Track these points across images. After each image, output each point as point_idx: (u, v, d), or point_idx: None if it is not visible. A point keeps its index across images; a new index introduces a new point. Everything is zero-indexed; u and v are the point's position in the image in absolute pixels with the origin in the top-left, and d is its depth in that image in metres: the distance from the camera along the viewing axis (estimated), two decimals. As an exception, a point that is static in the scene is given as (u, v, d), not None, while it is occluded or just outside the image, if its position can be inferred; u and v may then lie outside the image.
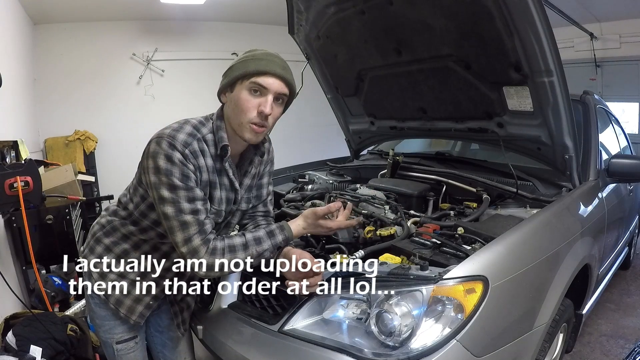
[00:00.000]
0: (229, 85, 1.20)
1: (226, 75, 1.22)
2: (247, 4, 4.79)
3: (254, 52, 1.21)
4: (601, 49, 5.27)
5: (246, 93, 1.17)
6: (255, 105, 1.16)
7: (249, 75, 1.16)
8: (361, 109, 2.63)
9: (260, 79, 1.15)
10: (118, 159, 4.81)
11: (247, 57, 1.20)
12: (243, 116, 1.17)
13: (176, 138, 1.14)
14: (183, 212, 1.13)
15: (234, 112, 1.19)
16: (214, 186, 1.24)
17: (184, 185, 1.13)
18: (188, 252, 1.14)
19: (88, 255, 1.35)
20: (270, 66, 1.16)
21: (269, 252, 1.22)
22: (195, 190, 1.16)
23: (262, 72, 1.16)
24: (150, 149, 1.14)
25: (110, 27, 4.86)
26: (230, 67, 1.21)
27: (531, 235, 1.47)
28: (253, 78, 1.15)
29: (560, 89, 1.64)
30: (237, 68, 1.18)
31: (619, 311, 2.79)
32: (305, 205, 2.00)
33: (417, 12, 1.82)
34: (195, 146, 1.17)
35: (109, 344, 1.38)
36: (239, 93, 1.17)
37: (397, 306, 1.15)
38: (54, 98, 4.64)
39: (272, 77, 1.16)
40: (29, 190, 2.31)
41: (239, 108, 1.17)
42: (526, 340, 1.35)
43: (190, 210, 1.14)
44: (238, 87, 1.18)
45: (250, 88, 1.16)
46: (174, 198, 1.12)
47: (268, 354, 1.31)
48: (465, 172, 2.04)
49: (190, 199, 1.14)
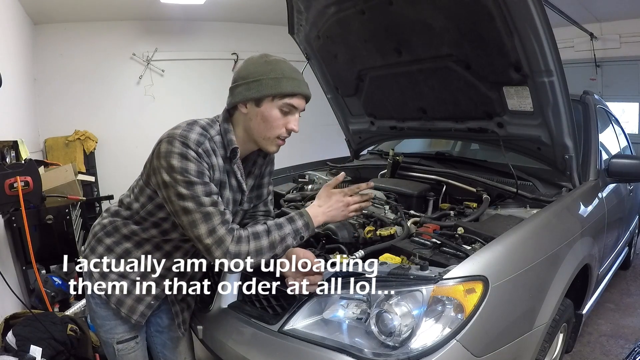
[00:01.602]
0: (255, 100, 1.20)
1: (251, 87, 1.18)
2: (247, 4, 4.79)
3: (281, 66, 1.20)
4: (601, 49, 5.27)
5: (277, 112, 1.20)
6: (284, 122, 1.21)
7: (284, 96, 1.18)
8: (361, 109, 2.63)
9: (293, 100, 1.20)
10: (118, 159, 4.81)
11: (278, 75, 1.18)
12: (272, 132, 1.21)
13: (188, 137, 1.14)
14: (204, 205, 1.13)
15: (260, 126, 1.21)
16: (224, 186, 1.25)
17: (200, 181, 1.14)
18: (214, 243, 1.13)
19: (89, 255, 1.35)
20: (302, 87, 1.21)
21: (291, 237, 1.20)
22: (211, 185, 1.17)
23: (295, 94, 1.19)
24: (161, 148, 1.14)
25: (110, 27, 4.86)
26: (257, 80, 1.18)
27: (531, 235, 1.47)
28: (287, 99, 1.19)
29: (560, 89, 1.64)
30: (269, 85, 1.17)
31: (619, 311, 2.79)
32: (306, 205, 2.00)
33: (417, 12, 1.82)
34: (208, 145, 1.18)
35: (110, 344, 1.39)
36: (270, 110, 1.19)
37: (397, 306, 1.15)
38: (54, 98, 4.64)
39: (302, 99, 1.22)
40: (29, 190, 2.31)
41: (268, 124, 1.20)
42: (526, 340, 1.35)
43: (211, 203, 1.15)
44: (268, 105, 1.19)
45: (281, 107, 1.19)
46: (192, 194, 1.13)
47: (268, 354, 1.32)
48: (465, 172, 2.03)
49: (208, 192, 1.15)
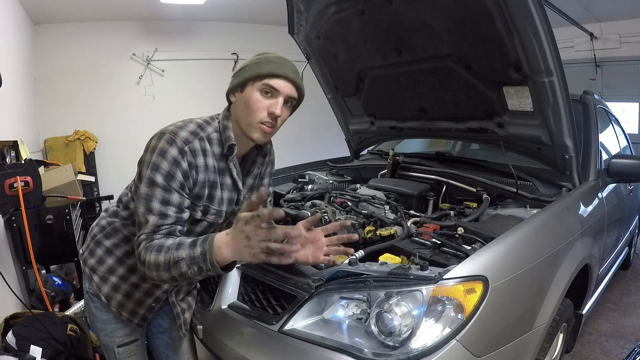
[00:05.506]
0: (239, 85, 1.21)
1: (237, 75, 1.22)
2: (247, 4, 4.80)
3: (267, 55, 1.21)
4: (601, 49, 5.27)
5: (257, 94, 1.17)
6: (265, 106, 1.17)
7: (262, 76, 1.16)
8: (361, 109, 2.64)
9: (272, 81, 1.16)
10: (118, 159, 4.81)
11: (260, 59, 1.20)
12: (253, 116, 1.18)
13: (178, 134, 1.14)
14: (151, 211, 1.10)
15: (244, 112, 1.19)
16: (215, 186, 1.23)
17: (163, 185, 1.10)
18: (135, 244, 1.12)
19: (88, 258, 1.35)
20: (282, 69, 1.17)
21: (185, 264, 1.01)
22: (174, 195, 1.12)
23: (274, 75, 1.16)
24: (150, 144, 1.15)
25: (110, 27, 4.86)
26: (242, 67, 1.21)
27: (531, 235, 1.47)
28: (265, 80, 1.16)
29: (560, 89, 1.64)
30: (250, 69, 1.19)
31: (619, 311, 2.79)
32: (305, 206, 2.00)
33: (417, 12, 1.82)
34: (196, 145, 1.16)
35: (110, 347, 1.38)
36: (250, 93, 1.18)
37: (397, 306, 1.15)
38: (54, 98, 4.64)
39: (284, 80, 1.18)
40: (29, 190, 2.31)
41: (249, 108, 1.18)
42: (526, 340, 1.35)
43: (159, 212, 1.10)
44: (249, 88, 1.18)
45: (262, 89, 1.17)
46: (148, 194, 1.10)
47: (268, 354, 1.31)
48: (465, 172, 2.04)
49: (165, 201, 1.11)
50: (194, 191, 1.19)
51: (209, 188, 1.22)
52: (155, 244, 1.07)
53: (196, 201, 1.20)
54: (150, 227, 1.10)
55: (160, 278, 1.07)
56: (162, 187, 1.11)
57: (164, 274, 1.05)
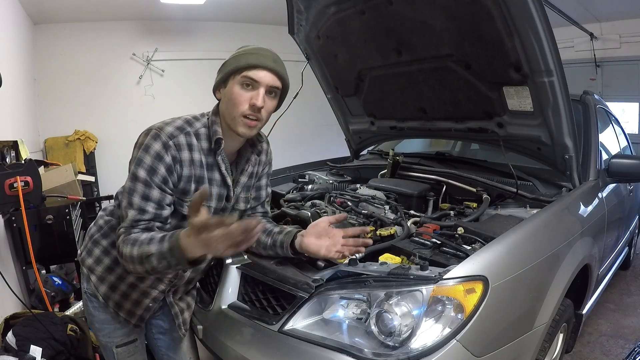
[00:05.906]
0: (222, 81, 1.22)
1: (220, 71, 1.23)
2: (247, 4, 4.80)
3: (246, 47, 1.22)
4: (601, 49, 5.27)
5: (238, 87, 1.18)
6: (247, 98, 1.17)
7: (241, 69, 1.17)
8: (361, 109, 2.63)
9: (251, 72, 1.16)
10: (118, 159, 4.78)
11: (239, 52, 1.21)
12: (235, 110, 1.18)
13: (163, 130, 1.15)
14: (132, 205, 1.12)
15: (227, 106, 1.20)
16: (202, 181, 1.23)
17: (145, 179, 1.12)
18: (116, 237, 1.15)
19: (86, 258, 1.35)
20: (260, 60, 1.17)
21: (156, 259, 1.02)
22: (154, 191, 1.13)
23: (253, 66, 1.16)
24: (138, 140, 1.17)
25: (110, 27, 4.87)
26: (223, 63, 1.23)
27: (531, 235, 1.47)
28: (244, 72, 1.16)
29: (560, 89, 1.64)
30: (229, 64, 1.20)
31: (619, 311, 2.79)
32: (305, 205, 2.00)
33: (417, 12, 1.82)
34: (182, 140, 1.17)
35: (109, 347, 1.38)
36: (232, 88, 1.18)
37: (397, 306, 1.15)
38: (54, 98, 4.64)
39: (264, 70, 1.17)
40: (29, 190, 2.31)
41: (231, 102, 1.18)
42: (526, 340, 1.35)
43: (138, 207, 1.12)
44: (230, 82, 1.19)
45: (242, 82, 1.17)
46: (130, 188, 1.13)
47: (268, 354, 1.31)
48: (465, 172, 2.03)
49: (145, 196, 1.13)
50: (179, 186, 1.19)
51: (196, 183, 1.21)
52: (132, 238, 1.10)
53: (183, 197, 1.20)
54: (129, 221, 1.12)
55: (137, 271, 1.11)
56: (144, 182, 1.12)
57: (138, 268, 1.08)
